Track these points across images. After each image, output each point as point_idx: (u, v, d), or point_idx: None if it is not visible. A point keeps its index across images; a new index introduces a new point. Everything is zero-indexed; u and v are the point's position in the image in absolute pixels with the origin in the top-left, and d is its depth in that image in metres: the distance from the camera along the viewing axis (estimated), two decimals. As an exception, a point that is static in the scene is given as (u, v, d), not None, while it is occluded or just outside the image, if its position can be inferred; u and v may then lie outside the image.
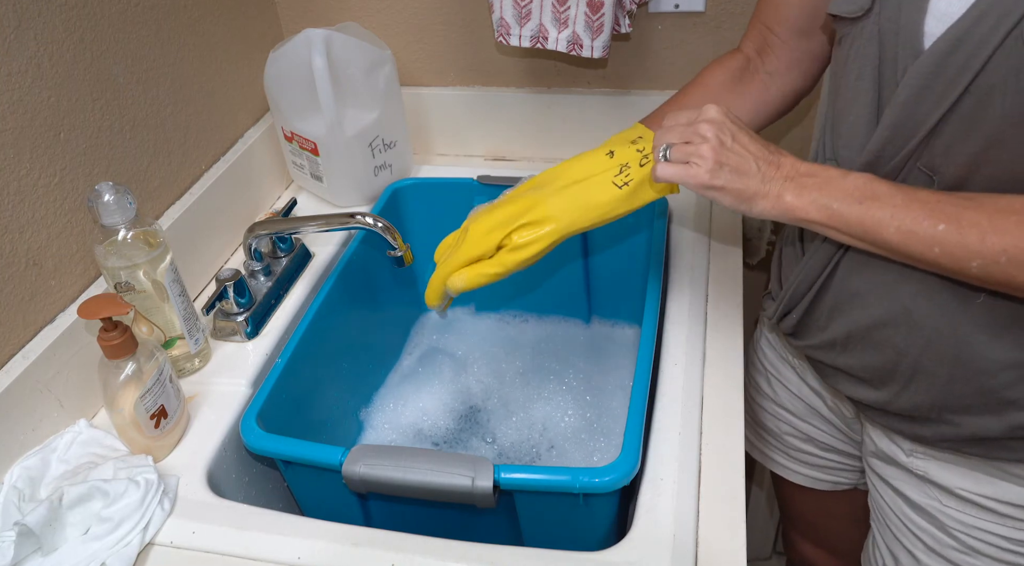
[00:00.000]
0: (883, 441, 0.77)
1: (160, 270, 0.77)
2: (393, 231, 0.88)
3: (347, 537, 0.66)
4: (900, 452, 0.75)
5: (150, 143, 0.89)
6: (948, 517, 0.73)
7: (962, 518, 0.72)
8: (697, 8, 1.02)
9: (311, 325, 0.86)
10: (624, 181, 0.72)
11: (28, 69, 0.73)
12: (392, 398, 1.02)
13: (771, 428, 0.95)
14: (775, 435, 0.95)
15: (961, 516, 0.72)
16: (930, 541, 0.75)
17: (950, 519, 0.73)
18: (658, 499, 0.67)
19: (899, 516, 0.78)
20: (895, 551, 0.79)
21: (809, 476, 0.95)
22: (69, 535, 0.66)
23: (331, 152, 1.03)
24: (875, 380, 0.71)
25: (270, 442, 0.72)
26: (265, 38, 1.11)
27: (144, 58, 0.87)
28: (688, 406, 0.75)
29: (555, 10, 0.95)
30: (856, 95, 0.65)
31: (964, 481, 0.71)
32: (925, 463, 0.73)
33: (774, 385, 0.92)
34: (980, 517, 0.71)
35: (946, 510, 0.73)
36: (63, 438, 0.75)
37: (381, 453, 0.68)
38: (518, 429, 0.98)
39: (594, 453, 0.93)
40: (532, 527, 0.71)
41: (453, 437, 0.98)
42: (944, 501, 0.73)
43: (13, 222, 0.72)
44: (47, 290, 0.77)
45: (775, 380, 0.92)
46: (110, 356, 0.70)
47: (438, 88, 1.17)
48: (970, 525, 0.71)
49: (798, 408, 0.90)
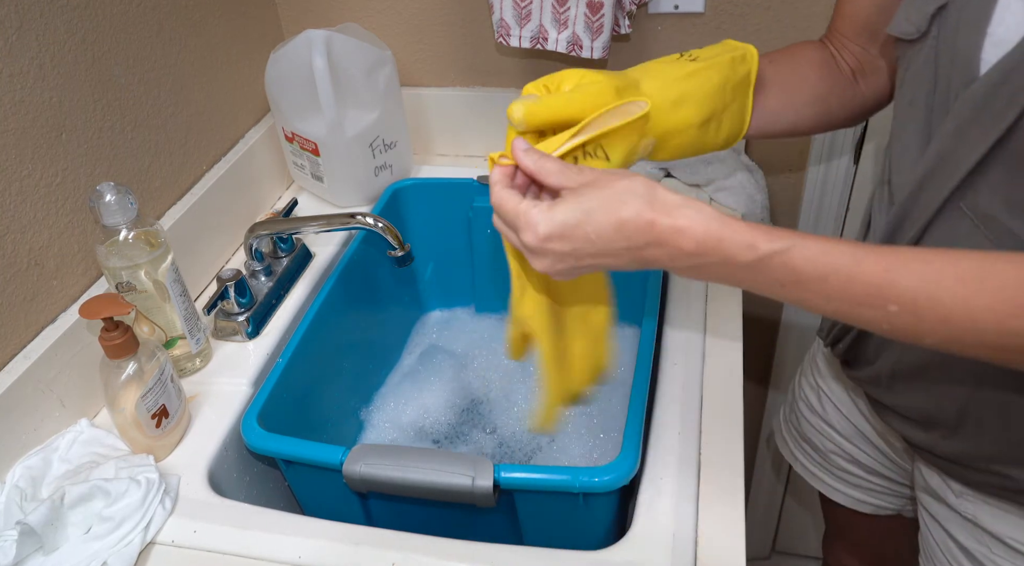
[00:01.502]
0: (934, 479, 0.72)
1: (161, 270, 0.78)
2: (393, 231, 0.88)
3: (348, 536, 0.66)
4: (950, 493, 0.70)
5: (151, 143, 0.89)
6: (993, 563, 0.68)
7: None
8: (697, 9, 1.02)
9: (312, 325, 0.86)
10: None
11: (30, 70, 0.73)
12: (393, 397, 1.02)
13: (816, 444, 0.90)
14: (820, 452, 0.90)
15: (1006, 565, 0.67)
16: None
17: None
18: (658, 499, 0.67)
19: (947, 556, 0.73)
20: None
21: (851, 497, 0.90)
22: (70, 534, 0.66)
23: (332, 152, 1.04)
24: (923, 422, 0.67)
25: (271, 442, 0.72)
26: (265, 39, 1.11)
27: (145, 59, 0.88)
28: (688, 406, 0.75)
29: (555, 11, 0.95)
30: (907, 121, 0.60)
31: (1014, 531, 0.66)
32: (975, 507, 0.68)
33: (824, 402, 0.87)
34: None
35: (993, 557, 0.68)
36: (64, 438, 0.75)
37: (381, 453, 0.68)
38: (519, 420, 0.98)
39: (594, 449, 0.93)
40: (532, 526, 0.71)
41: (454, 431, 0.98)
42: (992, 547, 0.68)
43: (15, 222, 0.72)
44: (49, 290, 0.77)
45: (825, 397, 0.87)
46: (111, 356, 0.70)
47: (438, 88, 1.17)
48: None
49: (846, 429, 0.85)
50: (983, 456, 0.64)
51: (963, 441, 0.64)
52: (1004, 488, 0.64)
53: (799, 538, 1.55)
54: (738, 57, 0.66)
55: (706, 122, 0.65)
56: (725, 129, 0.67)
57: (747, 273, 0.50)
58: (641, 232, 0.50)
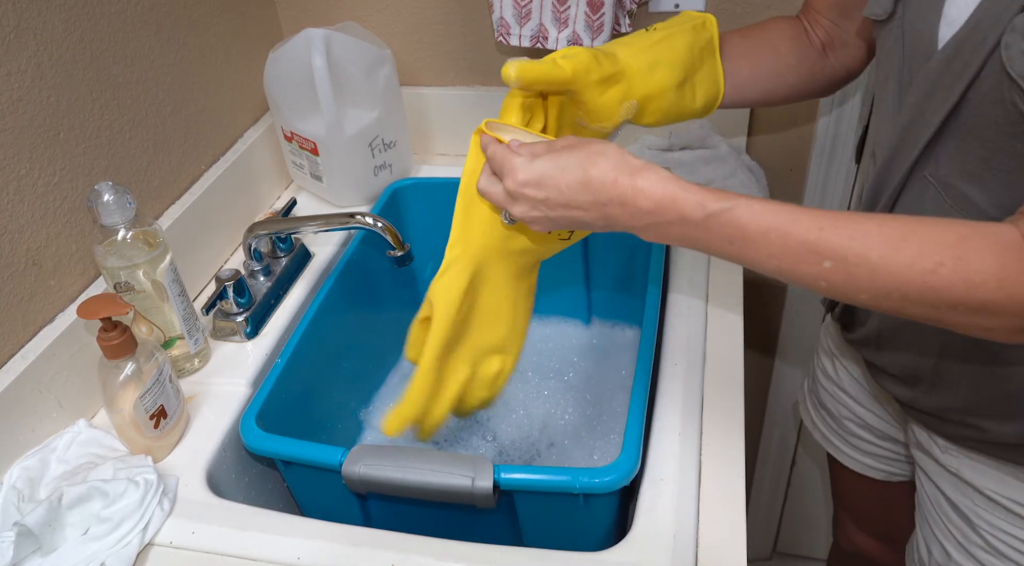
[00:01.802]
0: (922, 435, 0.78)
1: (160, 270, 0.77)
2: (393, 231, 0.88)
3: (347, 537, 0.66)
4: (936, 448, 0.75)
5: (150, 143, 0.89)
6: (977, 516, 0.73)
7: (989, 519, 0.72)
8: (697, 8, 1.02)
9: (311, 325, 0.86)
10: None
11: (27, 69, 0.73)
12: (392, 398, 1.02)
13: (832, 411, 0.95)
14: (835, 418, 0.95)
15: (988, 517, 0.72)
16: (960, 538, 0.75)
17: (979, 519, 0.73)
18: (658, 499, 0.67)
19: (936, 509, 0.78)
20: (930, 544, 0.80)
21: (863, 463, 0.95)
22: (68, 535, 0.66)
23: (331, 152, 1.03)
24: (907, 379, 0.72)
25: (270, 442, 0.72)
26: (265, 38, 1.11)
27: (144, 58, 0.87)
28: (688, 406, 0.75)
29: (555, 9, 0.95)
30: (884, 96, 0.66)
31: (992, 482, 0.71)
32: (957, 461, 0.73)
33: (838, 368, 0.92)
34: (1007, 521, 0.71)
35: (976, 509, 0.73)
36: (62, 438, 0.74)
37: (381, 453, 0.68)
38: (518, 427, 0.98)
39: (594, 451, 0.93)
40: (532, 527, 0.71)
41: (453, 436, 0.97)
42: (975, 500, 0.73)
43: (12, 222, 0.72)
44: (46, 290, 0.77)
45: (839, 363, 0.92)
46: (109, 356, 0.70)
47: (438, 88, 1.17)
48: (996, 526, 0.72)
49: (858, 393, 0.90)
50: (959, 409, 0.68)
51: (941, 396, 0.69)
52: (981, 440, 0.68)
53: (801, 539, 1.55)
54: (698, 24, 0.73)
55: (681, 85, 0.71)
56: (701, 93, 0.73)
57: (700, 231, 0.55)
58: (605, 189, 0.56)
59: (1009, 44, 0.50)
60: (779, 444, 1.40)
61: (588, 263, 1.07)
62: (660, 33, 0.72)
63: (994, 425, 0.66)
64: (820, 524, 1.49)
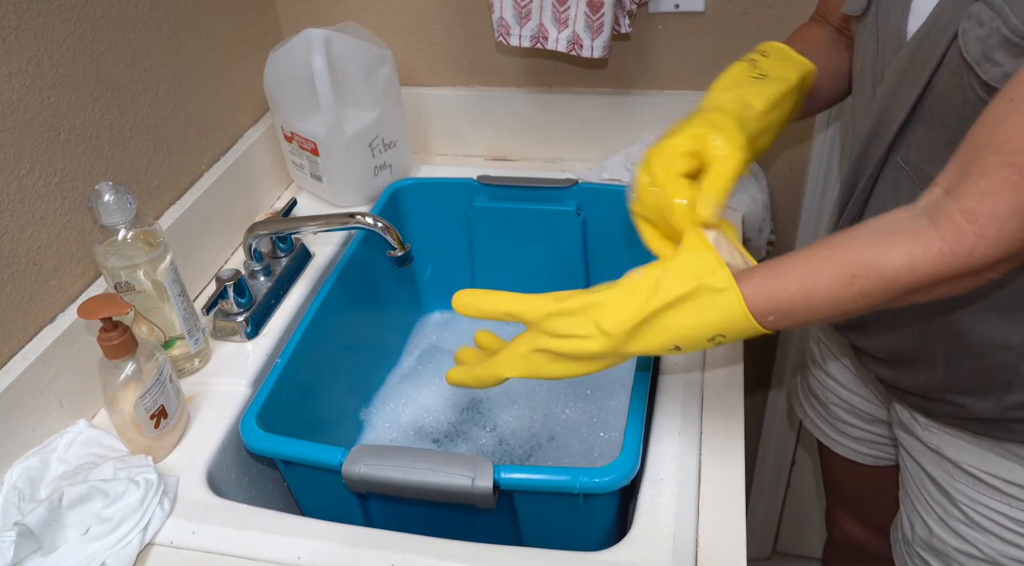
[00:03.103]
0: (904, 414, 0.80)
1: (160, 270, 0.77)
2: (393, 231, 0.88)
3: (347, 537, 0.66)
4: (917, 426, 0.77)
5: (150, 143, 0.89)
6: (957, 491, 0.75)
7: (969, 493, 0.74)
8: (697, 8, 1.02)
9: (311, 325, 0.86)
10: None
11: (28, 69, 0.73)
12: (392, 398, 1.02)
13: (820, 397, 0.98)
14: (823, 404, 0.97)
15: (968, 491, 0.74)
16: (941, 512, 0.77)
17: (959, 493, 0.75)
18: (658, 499, 0.67)
19: (918, 485, 0.80)
20: (912, 519, 0.82)
21: (851, 448, 0.97)
22: (69, 535, 0.66)
23: (331, 152, 1.03)
24: (888, 360, 0.75)
25: (270, 442, 0.72)
26: (265, 38, 1.11)
27: (144, 58, 0.87)
28: (689, 406, 0.75)
29: (555, 10, 0.95)
30: (860, 88, 0.69)
31: (971, 458, 0.73)
32: (938, 438, 0.75)
33: (825, 354, 0.95)
34: (985, 494, 0.73)
35: (956, 484, 0.75)
36: (63, 438, 0.75)
37: (381, 453, 0.68)
38: (519, 418, 0.98)
39: (594, 447, 0.93)
40: (532, 527, 0.71)
41: (454, 429, 0.98)
42: (955, 475, 0.75)
43: (13, 222, 0.72)
44: (47, 290, 0.77)
45: (826, 349, 0.94)
46: (110, 356, 0.70)
47: (438, 88, 1.17)
48: (976, 500, 0.73)
49: (844, 377, 0.93)
50: (938, 387, 0.71)
51: (922, 374, 0.72)
52: (959, 417, 0.71)
53: (800, 539, 1.55)
54: (808, 74, 0.73)
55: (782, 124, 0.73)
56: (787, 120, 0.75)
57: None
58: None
59: (966, 30, 0.54)
60: (779, 444, 1.40)
61: (588, 263, 1.07)
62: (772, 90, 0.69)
63: (972, 401, 0.69)
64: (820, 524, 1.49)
